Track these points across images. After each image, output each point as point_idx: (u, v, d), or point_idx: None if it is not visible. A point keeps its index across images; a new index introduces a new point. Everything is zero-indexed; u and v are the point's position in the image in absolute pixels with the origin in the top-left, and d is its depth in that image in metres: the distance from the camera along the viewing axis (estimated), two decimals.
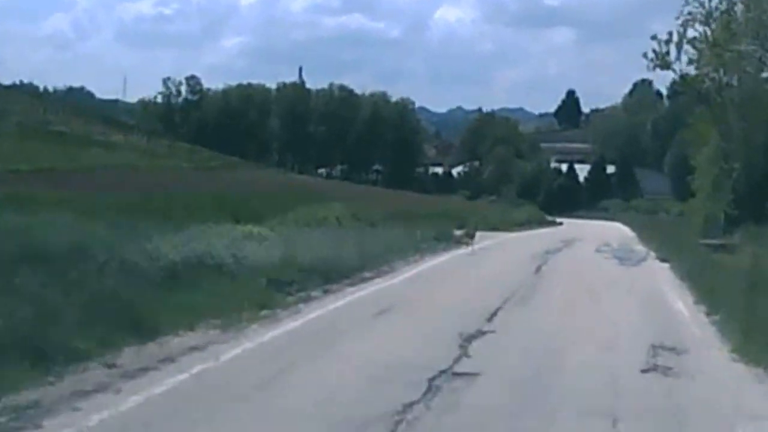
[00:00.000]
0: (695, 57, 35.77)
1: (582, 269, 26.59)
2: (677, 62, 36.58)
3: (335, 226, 29.22)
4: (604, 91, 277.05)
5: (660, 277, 24.41)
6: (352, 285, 18.44)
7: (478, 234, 34.11)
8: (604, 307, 17.34)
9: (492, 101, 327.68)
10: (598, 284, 21.65)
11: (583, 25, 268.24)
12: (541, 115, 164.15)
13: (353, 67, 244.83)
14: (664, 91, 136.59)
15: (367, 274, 20.38)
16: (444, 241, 33.24)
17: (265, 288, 15.51)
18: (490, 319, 14.31)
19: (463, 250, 31.05)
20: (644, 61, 36.68)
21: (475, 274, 23.70)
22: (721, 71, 35.20)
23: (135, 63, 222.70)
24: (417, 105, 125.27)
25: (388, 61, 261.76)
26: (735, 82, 35.70)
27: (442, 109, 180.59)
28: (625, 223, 63.81)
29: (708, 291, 17.74)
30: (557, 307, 16.88)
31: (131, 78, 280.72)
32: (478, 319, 14.08)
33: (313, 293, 16.43)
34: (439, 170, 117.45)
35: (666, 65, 36.58)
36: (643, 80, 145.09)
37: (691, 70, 36.63)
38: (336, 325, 13.60)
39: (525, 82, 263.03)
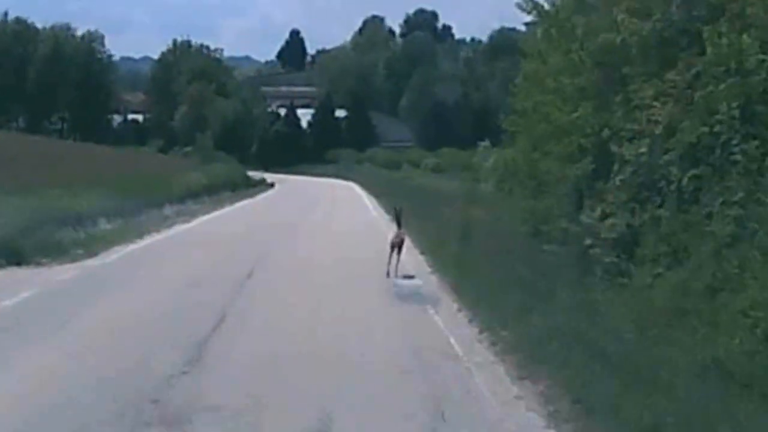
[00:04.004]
0: None
1: None
2: None
3: None
4: (332, 34, 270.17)
5: None
6: None
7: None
8: None
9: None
10: None
11: None
12: (268, 63, 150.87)
13: (79, 17, 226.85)
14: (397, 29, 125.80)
15: None
16: None
17: None
18: None
19: None
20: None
21: None
22: None
23: None
24: (142, 55, 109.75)
25: (114, 10, 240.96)
26: None
27: None
28: (364, 186, 46.23)
29: None
30: None
31: None
32: None
33: None
34: (140, 117, 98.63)
35: None
36: (374, 17, 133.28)
37: None
38: None
39: (251, 29, 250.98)
